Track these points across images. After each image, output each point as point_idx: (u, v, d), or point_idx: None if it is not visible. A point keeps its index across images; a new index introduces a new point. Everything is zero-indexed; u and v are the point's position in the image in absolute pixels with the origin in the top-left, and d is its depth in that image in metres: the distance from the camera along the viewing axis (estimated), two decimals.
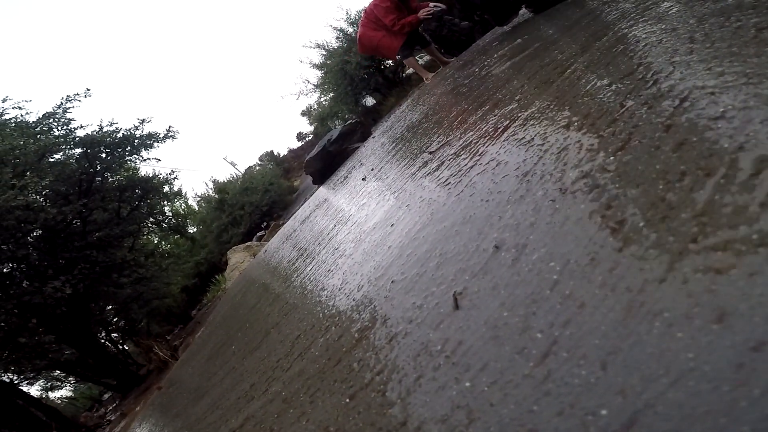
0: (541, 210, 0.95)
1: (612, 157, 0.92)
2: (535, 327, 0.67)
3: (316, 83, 17.15)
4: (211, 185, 20.28)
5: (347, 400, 0.95)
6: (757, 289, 0.48)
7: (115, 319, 11.29)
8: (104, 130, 8.76)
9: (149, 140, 9.35)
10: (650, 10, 1.60)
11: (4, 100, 8.18)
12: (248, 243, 11.57)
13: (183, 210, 18.45)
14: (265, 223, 15.77)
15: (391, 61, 14.26)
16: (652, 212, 0.69)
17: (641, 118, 0.98)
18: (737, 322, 0.47)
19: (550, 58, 2.05)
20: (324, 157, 6.95)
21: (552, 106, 1.46)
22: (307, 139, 29.04)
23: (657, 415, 0.45)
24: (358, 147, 6.40)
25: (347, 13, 14.81)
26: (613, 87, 1.24)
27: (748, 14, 1.06)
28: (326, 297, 1.68)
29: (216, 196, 17.94)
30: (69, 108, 8.47)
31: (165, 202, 12.70)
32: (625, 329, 0.56)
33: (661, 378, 0.47)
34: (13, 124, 8.01)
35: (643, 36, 1.43)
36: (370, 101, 15.37)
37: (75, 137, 8.35)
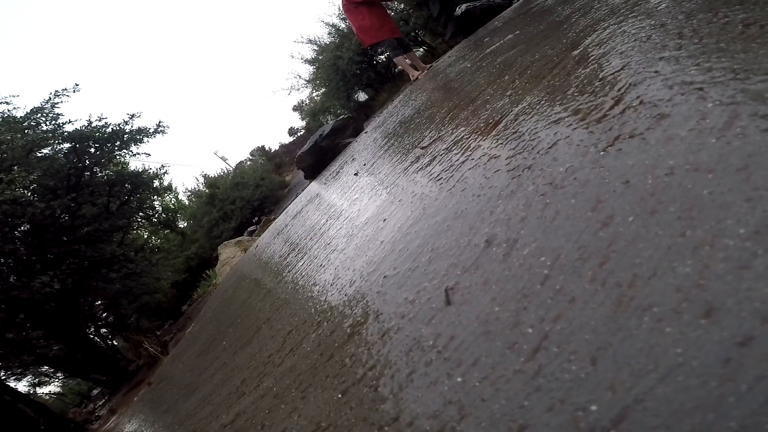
0: (531, 205, 0.95)
1: (602, 153, 0.92)
2: (526, 322, 0.68)
3: (307, 78, 17.06)
4: (201, 180, 20.17)
5: (339, 396, 0.95)
6: (744, 284, 0.48)
7: (104, 315, 11.22)
8: (93, 125, 8.67)
9: (139, 135, 9.26)
10: (639, 6, 1.60)
11: None
12: (239, 238, 11.51)
13: (173, 205, 18.33)
14: (256, 218, 15.71)
15: (383, 57, 14.20)
16: (641, 207, 0.70)
17: (631, 114, 0.98)
18: (725, 317, 0.47)
19: (540, 53, 2.05)
20: (316, 152, 6.92)
21: (543, 102, 1.46)
22: (299, 134, 28.94)
23: (646, 410, 0.45)
24: (350, 142, 6.37)
25: (339, 9, 14.71)
26: (603, 82, 1.24)
27: (735, 10, 1.06)
28: (318, 292, 1.68)
29: (207, 190, 17.83)
30: (57, 103, 8.36)
31: (155, 197, 12.61)
32: (615, 324, 0.56)
33: (650, 373, 0.48)
34: (0, 119, 7.89)
35: (633, 31, 1.43)
36: (362, 96, 15.31)
37: (63, 132, 8.25)
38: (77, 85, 8.52)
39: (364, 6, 5.88)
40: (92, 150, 8.64)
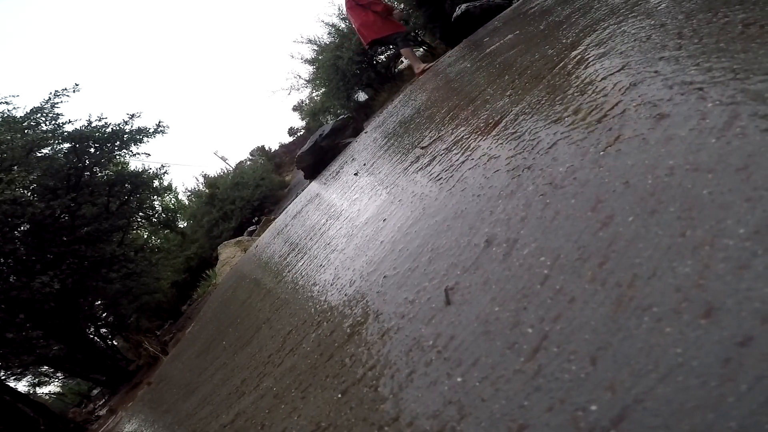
0: (531, 205, 0.95)
1: (602, 153, 0.92)
2: (526, 322, 0.68)
3: (307, 78, 17.05)
4: (201, 180, 20.18)
5: (339, 396, 0.95)
6: (744, 284, 0.48)
7: (104, 315, 11.22)
8: (93, 125, 8.68)
9: (139, 135, 9.26)
10: (639, 6, 1.60)
11: None
12: (239, 238, 11.50)
13: (173, 205, 18.32)
14: (256, 218, 15.71)
15: (383, 57, 14.19)
16: (640, 207, 0.70)
17: (631, 114, 0.98)
18: (725, 317, 0.47)
19: (540, 53, 2.05)
20: (316, 152, 6.92)
21: (542, 102, 1.46)
22: (298, 134, 28.93)
23: (646, 410, 0.45)
24: (350, 142, 6.37)
25: (339, 9, 14.70)
26: (603, 82, 1.24)
27: (735, 10, 1.06)
28: (318, 292, 1.68)
29: (206, 190, 17.84)
30: (57, 103, 8.37)
31: (155, 197, 12.60)
32: (615, 324, 0.56)
33: (650, 373, 0.48)
34: (1, 119, 7.90)
35: (633, 31, 1.43)
36: (362, 96, 15.29)
37: (63, 132, 8.26)
38: (77, 85, 8.53)
39: (369, 6, 5.94)
40: (92, 150, 8.65)
